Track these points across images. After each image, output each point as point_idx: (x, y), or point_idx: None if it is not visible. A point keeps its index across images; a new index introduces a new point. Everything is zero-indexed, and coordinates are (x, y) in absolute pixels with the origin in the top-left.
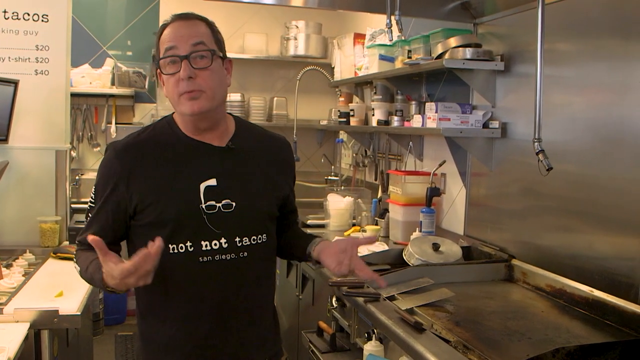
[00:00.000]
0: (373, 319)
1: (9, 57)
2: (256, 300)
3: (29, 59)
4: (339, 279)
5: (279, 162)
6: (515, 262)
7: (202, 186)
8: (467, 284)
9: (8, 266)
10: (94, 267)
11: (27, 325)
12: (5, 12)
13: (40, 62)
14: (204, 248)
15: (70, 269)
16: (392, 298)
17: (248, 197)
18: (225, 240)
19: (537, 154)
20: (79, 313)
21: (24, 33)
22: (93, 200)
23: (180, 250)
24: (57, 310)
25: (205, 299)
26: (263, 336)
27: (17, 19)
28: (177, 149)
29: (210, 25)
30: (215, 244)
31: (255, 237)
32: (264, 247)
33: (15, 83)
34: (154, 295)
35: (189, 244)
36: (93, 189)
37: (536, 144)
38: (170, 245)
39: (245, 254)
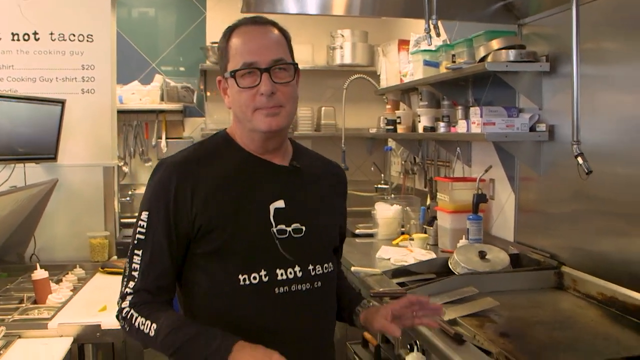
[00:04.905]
0: (414, 330)
1: (56, 78)
2: (326, 335)
3: (75, 78)
4: (380, 289)
5: (337, 189)
6: (565, 269)
7: (272, 208)
8: (514, 292)
9: (58, 281)
10: (203, 340)
11: (71, 339)
12: (51, 34)
13: (86, 81)
14: (279, 277)
15: (116, 283)
16: None
17: (316, 221)
18: (299, 269)
19: (576, 157)
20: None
21: (70, 53)
22: (144, 231)
23: (253, 281)
24: (100, 325)
25: (277, 334)
26: None
27: (63, 40)
28: (241, 167)
29: (284, 32)
30: (291, 273)
31: (326, 265)
32: (332, 277)
33: (62, 102)
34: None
35: (263, 272)
36: (144, 217)
37: (575, 146)
38: (240, 277)
39: (319, 283)
